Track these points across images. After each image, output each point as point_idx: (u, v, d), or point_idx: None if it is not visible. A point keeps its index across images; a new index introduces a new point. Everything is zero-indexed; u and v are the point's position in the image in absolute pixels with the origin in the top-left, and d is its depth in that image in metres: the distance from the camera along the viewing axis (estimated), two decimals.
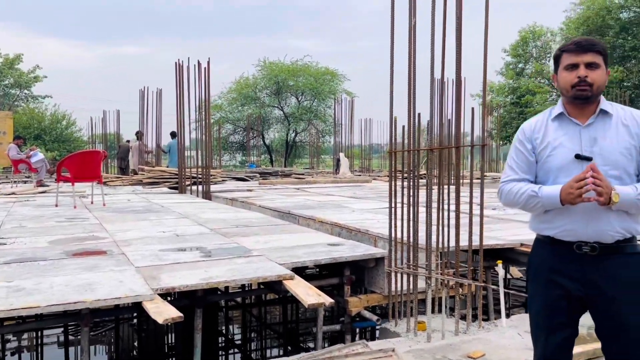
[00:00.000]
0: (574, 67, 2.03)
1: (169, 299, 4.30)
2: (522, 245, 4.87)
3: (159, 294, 3.33)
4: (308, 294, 3.45)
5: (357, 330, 8.67)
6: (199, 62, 10.34)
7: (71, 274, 3.71)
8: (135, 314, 7.32)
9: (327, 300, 3.36)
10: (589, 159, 1.99)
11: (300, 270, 5.61)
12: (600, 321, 2.09)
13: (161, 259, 4.21)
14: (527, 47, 27.80)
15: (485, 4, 3.75)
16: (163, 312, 3.00)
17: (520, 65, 28.00)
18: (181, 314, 2.96)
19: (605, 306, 2.04)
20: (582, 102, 2.04)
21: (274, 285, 3.85)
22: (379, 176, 17.26)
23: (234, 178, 15.38)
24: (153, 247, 4.72)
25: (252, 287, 5.96)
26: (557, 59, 2.12)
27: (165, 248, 4.65)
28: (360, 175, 17.70)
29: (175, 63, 10.74)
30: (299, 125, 32.30)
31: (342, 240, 5.18)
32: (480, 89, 28.86)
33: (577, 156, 2.01)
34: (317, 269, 6.01)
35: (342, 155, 18.40)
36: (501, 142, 24.90)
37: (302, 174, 17.29)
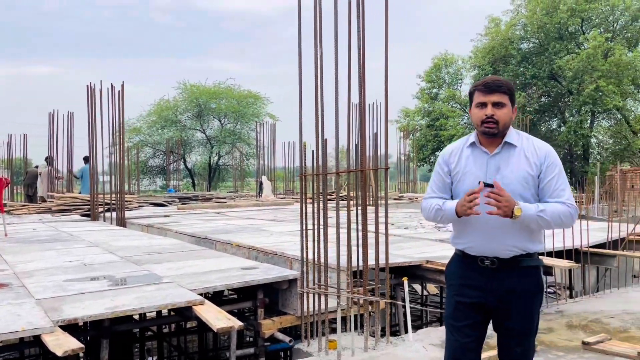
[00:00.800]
0: (483, 105, 2.28)
1: (80, 330, 4.14)
2: (427, 262, 5.14)
3: (62, 326, 3.22)
4: (217, 318, 3.46)
5: (281, 353, 8.63)
6: (112, 85, 10.09)
7: None
8: (41, 350, 6.91)
9: (237, 323, 3.39)
10: (491, 185, 2.25)
11: (216, 296, 5.57)
12: (497, 326, 2.38)
13: (65, 289, 4.05)
14: (440, 73, 29.38)
15: (385, 39, 4.00)
16: (63, 345, 2.91)
17: (434, 90, 29.50)
18: (82, 345, 2.88)
19: (501, 312, 2.32)
20: (489, 136, 2.32)
21: (184, 312, 3.82)
22: None
23: (151, 204, 14.95)
24: (57, 277, 4.53)
25: (170, 315, 5.83)
26: (470, 96, 2.40)
27: (70, 278, 4.48)
28: (284, 198, 17.78)
29: (87, 86, 10.41)
30: (222, 148, 31.99)
31: (257, 263, 5.22)
32: (397, 114, 30.01)
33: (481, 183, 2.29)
34: (235, 294, 5.99)
35: (264, 178, 18.42)
36: (418, 164, 25.96)
37: (224, 198, 17.11)
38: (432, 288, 11.99)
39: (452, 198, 2.42)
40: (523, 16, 24.88)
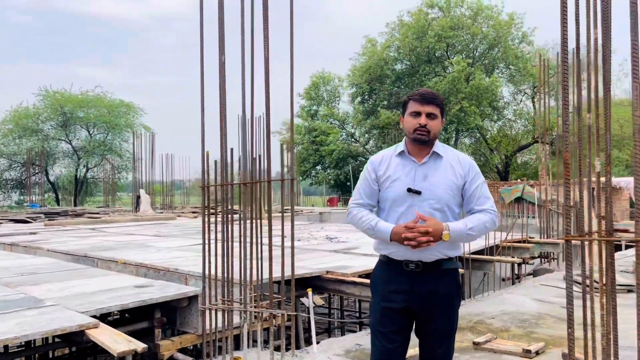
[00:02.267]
0: (417, 114, 2.38)
1: None
2: (327, 272, 5.18)
3: None
4: (117, 341, 3.17)
5: None
6: None
7: None
8: None
9: (140, 345, 3.13)
10: (418, 192, 2.35)
11: (102, 318, 5.11)
12: (420, 330, 2.45)
13: None
14: (319, 91, 30.23)
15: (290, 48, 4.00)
16: None
17: (314, 108, 30.26)
18: None
19: (425, 315, 2.39)
20: (420, 144, 2.41)
21: (75, 337, 3.44)
22: (183, 213, 16.78)
23: (11, 220, 13.46)
24: None
25: (45, 342, 5.23)
26: (404, 105, 2.48)
27: None
28: (162, 213, 16.98)
29: None
30: (91, 160, 29.86)
31: (150, 281, 4.89)
32: (280, 127, 30.28)
33: (409, 190, 2.37)
34: (119, 315, 5.54)
35: (142, 191, 17.47)
36: (300, 178, 26.38)
37: (97, 213, 15.92)
38: (317, 299, 12.17)
39: (378, 203, 2.49)
40: (396, 39, 26.55)
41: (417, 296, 2.37)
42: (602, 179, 2.36)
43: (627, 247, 9.48)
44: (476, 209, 2.40)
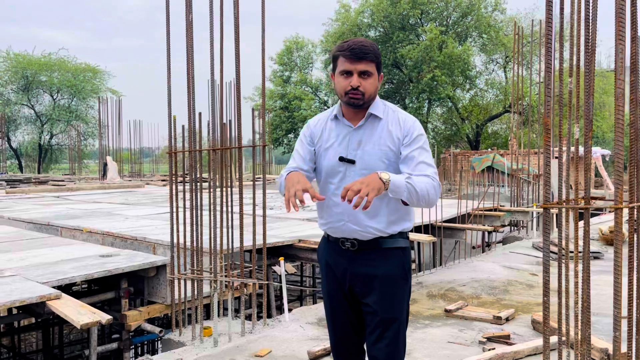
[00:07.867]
0: (348, 74, 2.04)
1: None
2: (300, 241, 5.11)
3: None
4: (80, 312, 3.04)
5: (150, 345, 8.02)
6: None
7: None
8: None
9: (104, 317, 3.01)
10: (352, 161, 2.07)
11: (67, 288, 4.97)
12: (363, 310, 2.17)
13: None
14: (292, 56, 29.69)
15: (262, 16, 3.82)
16: None
17: (286, 73, 29.76)
18: None
19: (364, 296, 2.14)
20: (354, 107, 2.10)
21: (36, 309, 3.30)
22: (151, 181, 16.46)
23: None
24: None
25: (16, 313, 5.05)
26: (334, 60, 2.11)
27: None
28: (130, 181, 16.62)
29: None
30: (55, 126, 28.93)
31: (116, 250, 4.74)
32: (251, 92, 29.66)
33: (341, 159, 2.10)
34: (86, 285, 5.40)
35: (109, 159, 17.03)
36: (272, 146, 26.10)
37: (62, 181, 15.47)
38: (289, 267, 12.17)
39: (315, 170, 2.22)
40: (370, 4, 26.07)
41: (356, 277, 2.13)
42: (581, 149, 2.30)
43: (592, 215, 9.70)
44: (415, 175, 2.03)
